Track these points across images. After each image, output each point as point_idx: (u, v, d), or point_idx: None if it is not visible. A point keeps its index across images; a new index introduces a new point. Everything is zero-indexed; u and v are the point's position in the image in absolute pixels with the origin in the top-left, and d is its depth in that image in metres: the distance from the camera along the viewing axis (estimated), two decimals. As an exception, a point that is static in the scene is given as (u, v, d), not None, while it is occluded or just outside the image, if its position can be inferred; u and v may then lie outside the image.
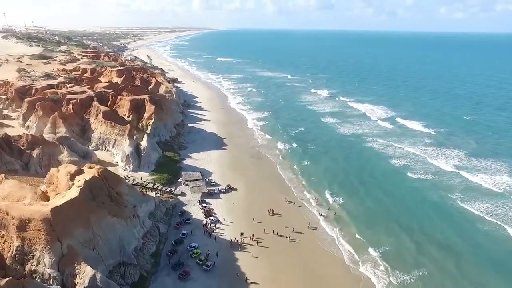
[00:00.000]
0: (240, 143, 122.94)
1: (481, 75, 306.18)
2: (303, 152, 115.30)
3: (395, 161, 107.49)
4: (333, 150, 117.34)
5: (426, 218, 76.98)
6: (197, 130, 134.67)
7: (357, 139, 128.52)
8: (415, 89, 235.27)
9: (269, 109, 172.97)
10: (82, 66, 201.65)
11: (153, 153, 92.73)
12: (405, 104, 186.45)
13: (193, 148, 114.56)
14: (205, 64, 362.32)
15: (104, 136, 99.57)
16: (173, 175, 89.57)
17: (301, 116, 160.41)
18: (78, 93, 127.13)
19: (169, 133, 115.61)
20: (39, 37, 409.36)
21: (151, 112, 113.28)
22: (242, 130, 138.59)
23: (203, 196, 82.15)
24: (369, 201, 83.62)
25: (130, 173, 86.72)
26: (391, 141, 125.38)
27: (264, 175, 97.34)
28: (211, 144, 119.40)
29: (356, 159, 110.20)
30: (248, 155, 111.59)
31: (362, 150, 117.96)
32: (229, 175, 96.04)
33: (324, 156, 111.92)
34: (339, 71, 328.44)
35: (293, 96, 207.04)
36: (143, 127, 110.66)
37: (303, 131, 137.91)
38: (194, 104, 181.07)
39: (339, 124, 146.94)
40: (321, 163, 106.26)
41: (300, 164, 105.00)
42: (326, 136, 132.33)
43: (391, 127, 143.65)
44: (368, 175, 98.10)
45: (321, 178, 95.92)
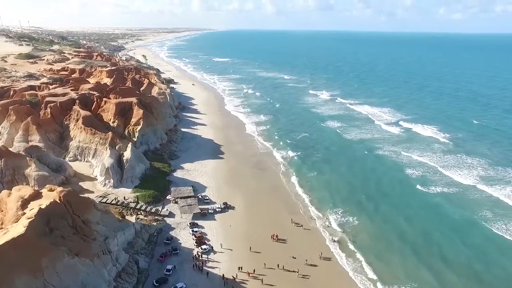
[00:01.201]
0: (238, 151, 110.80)
1: (483, 75, 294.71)
2: (308, 161, 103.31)
3: (405, 171, 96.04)
4: (340, 159, 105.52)
5: (446, 243, 65.29)
6: (191, 136, 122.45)
7: (363, 146, 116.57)
8: (417, 89, 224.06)
9: (269, 112, 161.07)
10: (71, 66, 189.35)
11: (138, 165, 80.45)
12: (408, 106, 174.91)
13: (186, 157, 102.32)
14: (203, 64, 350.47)
15: (83, 145, 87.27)
16: (160, 191, 77.32)
17: (302, 120, 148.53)
18: (60, 95, 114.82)
19: (159, 140, 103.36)
20: (31, 36, 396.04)
21: (139, 116, 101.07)
22: (241, 136, 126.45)
23: (195, 217, 69.96)
24: (384, 221, 72.26)
25: (110, 189, 74.41)
26: (398, 148, 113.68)
27: (266, 189, 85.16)
28: (206, 152, 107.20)
29: (365, 170, 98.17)
30: (248, 165, 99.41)
31: (370, 158, 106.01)
32: (225, 189, 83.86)
33: (331, 166, 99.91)
34: (339, 71, 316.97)
35: (293, 98, 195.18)
36: (130, 133, 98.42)
37: (306, 137, 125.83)
38: (190, 107, 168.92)
39: (343, 129, 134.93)
40: (328, 174, 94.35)
41: (306, 176, 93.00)
42: (330, 142, 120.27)
43: (396, 132, 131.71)
44: (379, 188, 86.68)
45: (329, 192, 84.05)
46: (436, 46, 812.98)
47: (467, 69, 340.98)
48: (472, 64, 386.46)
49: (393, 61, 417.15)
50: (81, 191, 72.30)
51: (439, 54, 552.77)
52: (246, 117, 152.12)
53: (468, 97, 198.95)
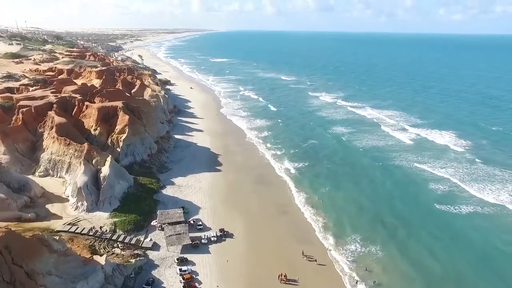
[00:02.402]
0: (238, 161, 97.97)
1: (487, 76, 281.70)
2: (317, 173, 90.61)
3: (424, 187, 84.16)
4: (351, 171, 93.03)
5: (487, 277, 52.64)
6: (186, 144, 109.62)
7: (374, 156, 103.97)
8: (421, 91, 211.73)
9: (270, 116, 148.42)
10: (59, 66, 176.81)
11: (119, 183, 67.62)
12: (414, 109, 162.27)
13: (178, 169, 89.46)
14: (202, 65, 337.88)
15: (56, 157, 74.41)
16: (144, 214, 64.46)
17: (305, 125, 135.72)
18: (37, 98, 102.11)
19: (147, 150, 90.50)
20: (24, 36, 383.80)
21: (124, 123, 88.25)
22: (241, 144, 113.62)
23: (185, 250, 57.17)
24: (411, 253, 59.46)
25: (82, 214, 61.55)
26: (411, 158, 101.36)
27: (270, 210, 72.34)
28: (202, 164, 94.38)
29: (380, 184, 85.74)
30: (249, 180, 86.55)
31: (383, 171, 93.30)
32: (223, 211, 71.03)
33: (343, 180, 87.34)
34: (339, 72, 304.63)
35: (294, 100, 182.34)
36: (113, 143, 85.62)
37: (311, 144, 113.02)
38: (186, 110, 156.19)
39: (350, 136, 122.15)
40: (341, 190, 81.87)
41: (317, 192, 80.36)
42: (338, 151, 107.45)
43: (406, 139, 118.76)
44: (398, 209, 74.38)
45: (345, 213, 71.80)
46: (437, 46, 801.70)
47: (470, 70, 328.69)
48: (474, 65, 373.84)
49: (394, 62, 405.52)
50: (46, 217, 59.56)
51: (440, 54, 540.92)
52: (246, 122, 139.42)
53: (475, 99, 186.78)
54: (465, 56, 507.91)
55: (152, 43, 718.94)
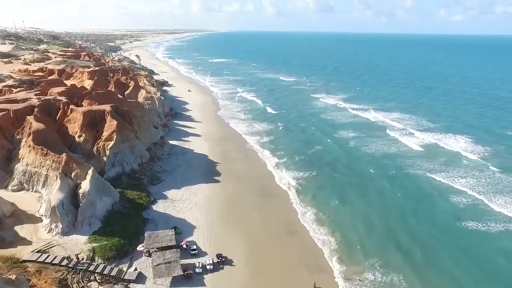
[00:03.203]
0: (238, 170, 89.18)
1: (491, 77, 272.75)
2: (325, 184, 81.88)
3: (443, 201, 75.45)
4: (361, 182, 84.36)
5: None
6: (181, 151, 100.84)
7: (382, 163, 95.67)
8: (424, 92, 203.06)
9: (271, 119, 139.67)
10: (49, 66, 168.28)
11: (101, 200, 58.85)
12: (418, 111, 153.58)
13: (172, 180, 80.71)
14: (201, 65, 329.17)
15: (32, 169, 65.61)
16: (130, 237, 55.64)
17: (308, 129, 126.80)
18: (19, 101, 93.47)
19: (138, 159, 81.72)
20: (19, 35, 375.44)
21: (111, 129, 79.49)
22: (241, 150, 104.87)
23: (175, 282, 48.39)
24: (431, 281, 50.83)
25: (56, 238, 52.74)
26: (424, 167, 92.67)
27: (275, 229, 63.55)
28: (198, 173, 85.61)
29: (394, 197, 77.10)
30: (250, 192, 77.78)
31: (396, 182, 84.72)
32: (221, 231, 62.27)
33: (353, 192, 78.74)
34: (339, 72, 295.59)
35: (295, 102, 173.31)
36: (99, 151, 76.88)
37: (317, 151, 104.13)
38: (183, 113, 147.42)
39: (355, 141, 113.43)
40: (352, 204, 73.48)
41: (326, 207, 71.76)
42: (346, 159, 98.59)
43: (414, 144, 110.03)
44: (417, 226, 66.07)
45: (359, 232, 63.77)
46: (437, 47, 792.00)
47: (473, 70, 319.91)
48: (476, 66, 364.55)
49: (395, 62, 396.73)
50: (13, 242, 50.81)
51: (441, 55, 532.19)
52: (246, 125, 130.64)
53: (481, 101, 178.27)
54: (466, 57, 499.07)
55: (151, 43, 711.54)
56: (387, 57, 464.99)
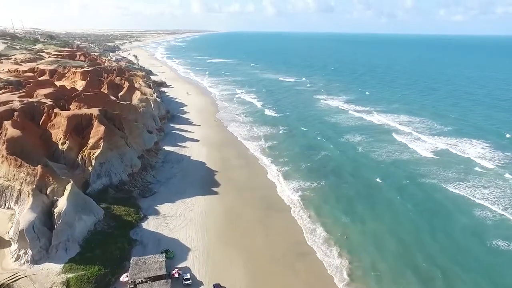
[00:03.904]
0: (238, 180, 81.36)
1: (496, 78, 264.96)
2: (334, 197, 74.20)
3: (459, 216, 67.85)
4: (373, 193, 77.27)
5: None
6: (177, 158, 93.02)
7: (391, 172, 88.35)
8: (428, 93, 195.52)
9: (272, 122, 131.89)
10: (41, 66, 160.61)
11: (81, 220, 51.09)
12: (424, 113, 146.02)
13: (165, 192, 72.95)
14: (200, 66, 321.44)
15: (5, 182, 57.81)
16: (113, 264, 47.87)
17: (310, 133, 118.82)
18: (1, 104, 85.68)
19: (128, 168, 73.94)
20: (14, 35, 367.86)
21: (98, 136, 71.77)
22: (241, 156, 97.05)
23: (164, 323, 40.64)
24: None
25: (24, 268, 44.93)
26: (434, 176, 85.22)
27: (280, 252, 55.67)
28: (195, 184, 77.84)
29: (409, 211, 69.46)
30: (252, 205, 69.98)
31: (404, 192, 77.61)
32: (219, 253, 54.48)
33: (365, 205, 71.43)
34: (340, 73, 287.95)
35: (296, 104, 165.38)
36: (84, 160, 69.16)
37: (320, 157, 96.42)
38: (181, 116, 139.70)
39: (360, 147, 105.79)
40: (366, 220, 65.79)
41: (337, 224, 64.12)
42: (351, 166, 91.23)
43: (423, 150, 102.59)
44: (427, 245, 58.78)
45: (377, 254, 55.55)
46: (438, 47, 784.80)
47: (475, 70, 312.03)
48: (478, 66, 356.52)
49: (396, 62, 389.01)
50: (-27, 273, 42.98)
51: (442, 55, 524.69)
52: (246, 129, 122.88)
53: (488, 102, 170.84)
54: (467, 57, 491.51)
55: (151, 43, 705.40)
56: (388, 57, 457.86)
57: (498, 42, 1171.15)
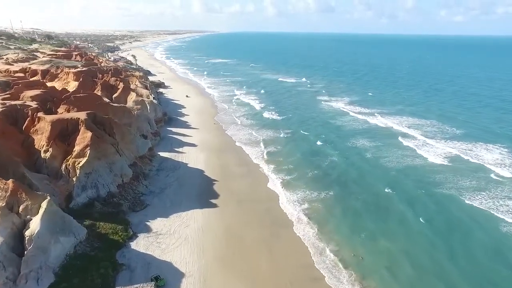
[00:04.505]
0: (239, 190, 74.59)
1: (497, 77, 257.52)
2: (345, 211, 67.12)
3: (487, 232, 60.46)
4: (380, 203, 70.20)
5: None
6: (173, 165, 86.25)
7: (400, 180, 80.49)
8: (432, 94, 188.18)
9: (273, 125, 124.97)
10: (33, 66, 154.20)
11: (58, 242, 44.37)
12: (429, 115, 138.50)
13: (158, 205, 66.21)
14: (200, 66, 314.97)
15: (-25, 197, 51.15)
16: (94, 296, 41.25)
17: (314, 137, 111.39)
18: (-19, 107, 79.04)
19: (117, 179, 67.22)
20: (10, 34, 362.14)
21: (85, 143, 65.08)
22: (242, 163, 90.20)
23: None
24: None
25: (-12, 303, 38.41)
26: (449, 186, 77.21)
27: (288, 277, 48.80)
28: (191, 195, 71.07)
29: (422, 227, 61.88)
30: (255, 220, 63.18)
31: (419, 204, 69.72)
32: (218, 281, 47.60)
33: (379, 221, 64.02)
34: (340, 73, 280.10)
35: (299, 106, 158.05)
36: (69, 170, 62.47)
37: (326, 164, 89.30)
38: (179, 119, 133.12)
39: (368, 152, 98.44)
40: (381, 239, 58.48)
41: (351, 244, 57.06)
42: (359, 174, 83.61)
43: (433, 157, 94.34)
44: (455, 270, 50.96)
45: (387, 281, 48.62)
46: (439, 47, 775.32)
47: (479, 71, 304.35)
48: (482, 66, 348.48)
49: (397, 62, 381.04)
50: None
51: (443, 55, 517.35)
52: (247, 133, 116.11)
53: (495, 104, 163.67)
54: (469, 57, 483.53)
55: (151, 44, 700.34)
56: (389, 58, 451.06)
57: (500, 43, 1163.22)
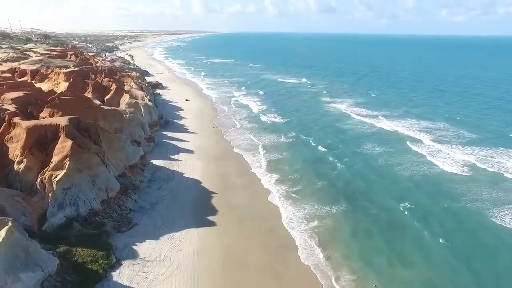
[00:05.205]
0: (241, 206, 66.47)
1: (501, 78, 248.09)
2: (353, 230, 58.27)
3: None
4: (393, 222, 61.05)
5: None
6: (167, 175, 78.18)
7: (416, 194, 70.74)
8: (436, 95, 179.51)
9: (275, 129, 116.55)
10: (23, 66, 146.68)
11: (18, 281, 36.33)
12: (437, 118, 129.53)
13: (148, 224, 58.14)
14: (200, 66, 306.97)
15: None
16: None
17: (318, 143, 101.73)
18: (-47, 111, 71.21)
19: (101, 193, 59.15)
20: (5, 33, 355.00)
21: (64, 153, 57.13)
22: (243, 173, 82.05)
23: None
24: None
25: None
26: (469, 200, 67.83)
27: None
28: (186, 211, 63.00)
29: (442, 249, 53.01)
30: (257, 242, 55.01)
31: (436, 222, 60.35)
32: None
33: (391, 241, 55.66)
34: (340, 74, 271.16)
35: (300, 108, 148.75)
36: (45, 185, 54.57)
37: (334, 174, 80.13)
38: (175, 122, 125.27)
39: (378, 159, 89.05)
40: (402, 265, 50.07)
41: (360, 270, 48.80)
42: (367, 185, 74.20)
43: (449, 165, 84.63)
44: None
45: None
46: (440, 47, 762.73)
47: (482, 71, 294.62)
48: (484, 66, 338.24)
49: (398, 63, 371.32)
50: None
51: (444, 55, 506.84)
52: (248, 138, 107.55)
53: (504, 106, 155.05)
54: (471, 57, 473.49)
55: (151, 44, 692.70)
56: (390, 58, 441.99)
57: (501, 43, 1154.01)
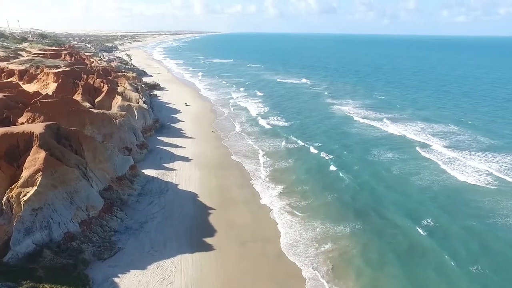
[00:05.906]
0: (243, 226, 57.98)
1: (507, 79, 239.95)
2: (366, 256, 50.14)
3: None
4: (411, 247, 52.52)
5: None
6: (159, 188, 69.87)
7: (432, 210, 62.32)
8: (443, 97, 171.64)
9: (277, 133, 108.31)
10: (11, 66, 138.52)
11: None
12: (446, 121, 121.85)
13: (134, 249, 49.78)
14: (199, 67, 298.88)
15: None
16: None
17: (321, 149, 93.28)
18: None
19: (81, 212, 50.80)
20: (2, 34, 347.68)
21: (36, 166, 48.90)
22: (245, 184, 73.51)
23: None
24: None
25: None
26: (496, 221, 59.23)
27: None
28: (180, 233, 54.62)
29: (471, 280, 45.47)
30: (264, 275, 46.63)
31: (462, 247, 52.35)
32: None
33: (410, 270, 47.14)
34: (341, 74, 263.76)
35: (302, 111, 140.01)
36: (11, 205, 46.32)
37: (341, 186, 72.00)
38: (172, 125, 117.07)
39: (387, 168, 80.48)
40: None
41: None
42: (377, 201, 65.37)
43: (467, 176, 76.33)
44: None
45: None
46: (441, 48, 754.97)
47: (486, 72, 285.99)
48: (488, 67, 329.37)
49: (399, 63, 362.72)
50: None
51: (446, 56, 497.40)
52: (248, 144, 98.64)
53: None
54: (473, 58, 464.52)
55: (151, 44, 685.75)
56: (391, 58, 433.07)
57: (502, 43, 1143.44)
